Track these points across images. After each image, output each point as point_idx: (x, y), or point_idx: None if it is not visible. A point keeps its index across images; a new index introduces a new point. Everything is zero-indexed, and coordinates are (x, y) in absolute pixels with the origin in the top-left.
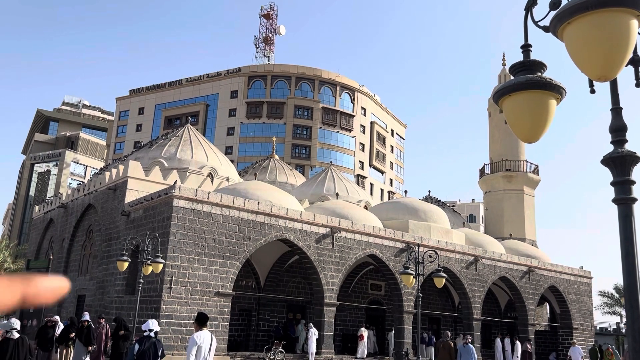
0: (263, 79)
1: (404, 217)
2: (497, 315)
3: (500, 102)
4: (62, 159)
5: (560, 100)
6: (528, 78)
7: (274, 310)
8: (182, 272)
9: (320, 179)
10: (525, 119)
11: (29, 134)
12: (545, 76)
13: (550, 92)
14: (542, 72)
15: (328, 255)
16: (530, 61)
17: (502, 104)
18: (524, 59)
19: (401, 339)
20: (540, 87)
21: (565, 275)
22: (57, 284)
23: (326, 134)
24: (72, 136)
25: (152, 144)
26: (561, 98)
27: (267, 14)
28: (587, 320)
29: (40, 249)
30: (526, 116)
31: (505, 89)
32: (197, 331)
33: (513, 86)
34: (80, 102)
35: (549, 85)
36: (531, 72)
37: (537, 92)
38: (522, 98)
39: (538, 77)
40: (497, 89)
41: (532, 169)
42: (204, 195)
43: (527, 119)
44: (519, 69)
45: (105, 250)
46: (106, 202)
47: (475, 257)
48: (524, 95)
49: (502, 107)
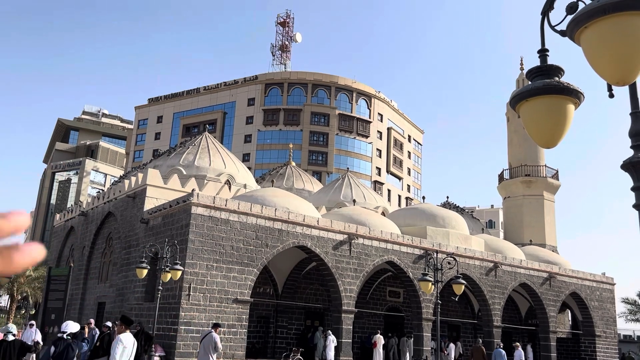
0: (280, 86)
1: (422, 223)
2: (518, 322)
3: (518, 107)
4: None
5: (578, 105)
6: (545, 83)
7: (292, 317)
8: (200, 279)
9: (337, 185)
10: (543, 124)
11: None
12: (563, 81)
13: (568, 97)
14: (560, 77)
15: (346, 262)
16: (547, 66)
17: (519, 109)
18: (540, 64)
19: (420, 346)
20: (557, 92)
21: (587, 281)
22: (33, 250)
23: (343, 140)
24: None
25: (170, 152)
26: (579, 103)
27: (284, 22)
28: (610, 328)
29: (62, 257)
30: (544, 121)
31: (522, 94)
32: (121, 333)
33: (530, 91)
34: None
35: (566, 90)
36: (548, 77)
37: (555, 97)
38: (540, 103)
39: (556, 81)
40: (514, 94)
41: (552, 174)
42: (222, 202)
43: (545, 124)
44: (536, 73)
45: (125, 257)
46: (125, 209)
47: (495, 264)
48: (541, 101)
49: (520, 112)
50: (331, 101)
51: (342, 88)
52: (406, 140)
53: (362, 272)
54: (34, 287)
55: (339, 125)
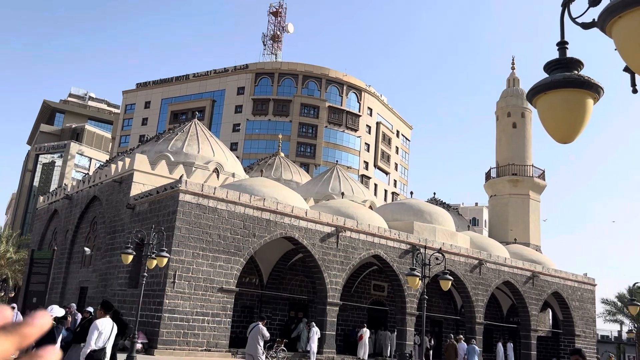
0: (270, 76)
1: (409, 218)
2: (499, 319)
3: (535, 100)
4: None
5: (597, 101)
6: (565, 76)
7: (276, 308)
8: (186, 267)
9: (325, 177)
10: (561, 118)
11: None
12: (583, 74)
13: (589, 91)
14: (579, 71)
15: (332, 255)
16: (567, 59)
17: (536, 102)
18: (560, 56)
19: (403, 340)
20: (578, 85)
21: (569, 281)
22: None
23: (332, 133)
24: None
25: (158, 138)
26: (598, 98)
27: (276, 12)
28: (590, 328)
29: (44, 240)
30: (562, 116)
31: (541, 87)
32: (101, 318)
33: (549, 84)
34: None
35: (587, 84)
36: (568, 70)
37: (575, 91)
38: (559, 97)
39: (576, 75)
40: (532, 87)
41: (539, 174)
42: (210, 190)
43: (563, 118)
44: (555, 66)
45: (109, 242)
46: (111, 194)
47: (480, 261)
48: (560, 94)
49: (536, 105)
50: (321, 93)
51: (333, 81)
52: (394, 135)
53: (348, 265)
54: (15, 269)
55: (328, 118)
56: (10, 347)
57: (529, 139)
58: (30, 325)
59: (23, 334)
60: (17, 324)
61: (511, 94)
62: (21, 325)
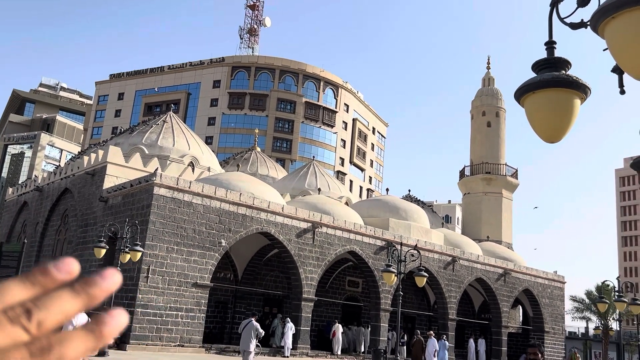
0: (247, 70)
1: (385, 215)
2: (471, 316)
3: (522, 99)
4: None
5: (584, 101)
6: (554, 76)
7: (250, 304)
8: (160, 261)
9: (302, 173)
10: (548, 118)
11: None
12: (571, 74)
13: (576, 91)
14: (567, 70)
15: (308, 250)
16: (555, 58)
17: (523, 102)
18: (548, 56)
19: (377, 336)
20: (567, 85)
21: (540, 279)
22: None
23: (308, 128)
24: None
25: (132, 130)
26: (585, 98)
27: (253, 5)
28: (559, 324)
29: (13, 232)
30: (550, 115)
31: (529, 86)
32: None
33: (538, 83)
34: (58, 85)
35: (575, 84)
36: (556, 70)
37: (563, 90)
38: (547, 96)
39: (564, 75)
40: (520, 86)
41: (512, 173)
42: (186, 184)
43: (550, 118)
44: (543, 65)
45: (81, 236)
46: (84, 187)
47: (453, 258)
48: (548, 94)
49: (524, 104)
50: (298, 88)
51: (310, 76)
52: (370, 132)
53: (324, 260)
54: None
55: (305, 114)
56: (77, 308)
57: (503, 138)
58: (99, 286)
59: (91, 294)
60: (86, 282)
61: (486, 93)
62: (90, 284)
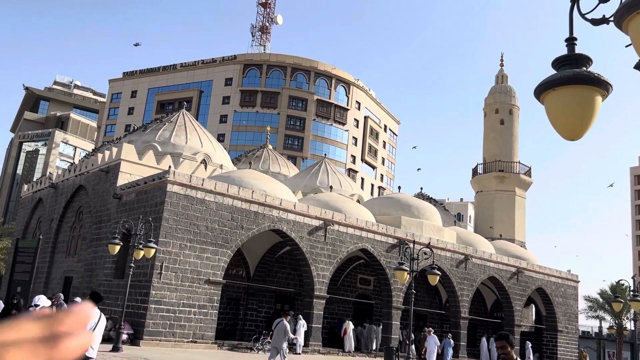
0: (258, 68)
1: (397, 212)
2: (483, 314)
3: (542, 96)
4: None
5: (605, 98)
6: (575, 72)
7: (262, 301)
8: (173, 258)
9: (314, 171)
10: (569, 115)
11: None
12: (592, 71)
13: (598, 88)
14: (588, 67)
15: (320, 248)
16: (576, 55)
17: (543, 99)
18: (568, 52)
19: (389, 334)
20: (588, 82)
21: (553, 278)
22: None
23: (319, 126)
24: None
25: (145, 128)
26: (607, 95)
27: (265, 3)
28: (572, 324)
29: (28, 229)
30: (571, 112)
31: (549, 83)
32: None
33: (559, 80)
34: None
35: (597, 80)
36: (577, 67)
37: (584, 87)
38: (568, 93)
39: (586, 71)
40: (541, 82)
41: (525, 171)
42: (198, 181)
43: (571, 115)
44: (564, 62)
45: (95, 232)
46: (98, 184)
47: (466, 256)
48: (569, 90)
49: (544, 101)
50: (310, 86)
51: (322, 74)
52: (382, 129)
53: (335, 258)
54: None
55: (316, 111)
56: None
57: (516, 135)
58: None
59: None
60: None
61: (499, 91)
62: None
